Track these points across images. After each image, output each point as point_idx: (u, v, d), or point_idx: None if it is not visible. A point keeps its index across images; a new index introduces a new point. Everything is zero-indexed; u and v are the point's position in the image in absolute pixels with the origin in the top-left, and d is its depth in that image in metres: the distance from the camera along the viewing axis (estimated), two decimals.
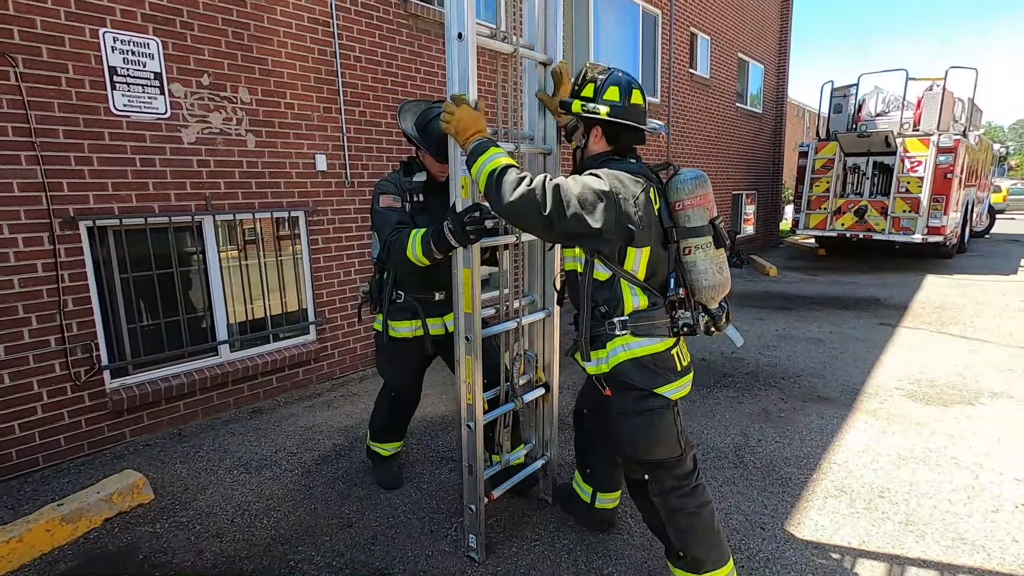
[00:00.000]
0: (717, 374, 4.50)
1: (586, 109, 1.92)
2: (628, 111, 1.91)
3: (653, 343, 1.88)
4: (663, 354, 1.89)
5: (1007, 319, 5.99)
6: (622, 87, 1.91)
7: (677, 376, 1.91)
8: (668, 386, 1.89)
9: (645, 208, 1.81)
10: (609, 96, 1.90)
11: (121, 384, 3.42)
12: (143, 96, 3.32)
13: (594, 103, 1.91)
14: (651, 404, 1.88)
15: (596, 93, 1.91)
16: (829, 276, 9.07)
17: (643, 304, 1.88)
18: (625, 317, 1.88)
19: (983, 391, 4.02)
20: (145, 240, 3.43)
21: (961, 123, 10.30)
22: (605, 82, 1.91)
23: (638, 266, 1.86)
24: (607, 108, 1.89)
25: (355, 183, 4.48)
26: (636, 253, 1.83)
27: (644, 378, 1.88)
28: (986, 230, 14.22)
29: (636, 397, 1.89)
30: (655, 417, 1.88)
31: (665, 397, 1.89)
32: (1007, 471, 2.93)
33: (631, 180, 1.83)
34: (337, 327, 4.51)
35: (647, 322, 1.87)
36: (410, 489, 2.87)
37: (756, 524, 2.53)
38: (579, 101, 1.94)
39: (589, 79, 1.95)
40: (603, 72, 1.94)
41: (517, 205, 1.71)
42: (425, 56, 4.88)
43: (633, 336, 1.87)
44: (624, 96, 1.90)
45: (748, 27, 11.33)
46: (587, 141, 1.99)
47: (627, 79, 1.94)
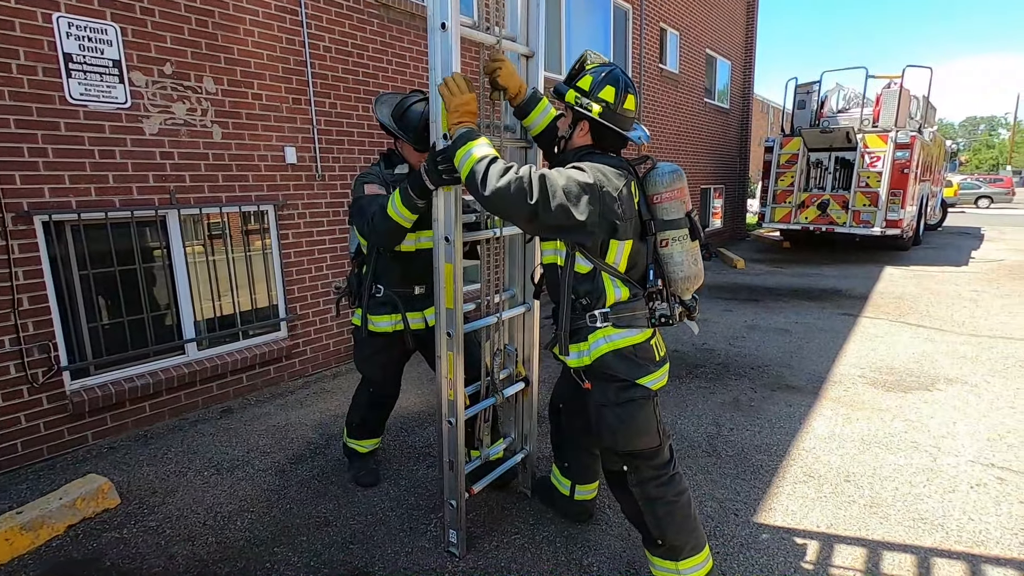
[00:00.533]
0: (689, 365, 4.58)
1: (579, 103, 1.89)
2: (619, 115, 1.90)
3: (633, 334, 1.90)
4: (643, 344, 1.91)
5: (959, 308, 6.28)
6: (619, 88, 1.88)
7: (656, 366, 1.94)
8: (649, 376, 1.91)
9: (627, 202, 1.83)
10: (604, 95, 1.87)
11: (82, 385, 3.29)
12: (101, 85, 3.18)
13: (588, 99, 1.88)
14: (632, 395, 1.90)
15: (592, 88, 1.89)
16: (794, 268, 9.34)
17: (624, 296, 1.90)
18: (606, 309, 1.89)
19: (939, 377, 4.21)
20: (106, 235, 3.30)
21: (917, 120, 10.71)
22: (603, 79, 1.88)
23: (620, 259, 1.87)
24: (600, 107, 1.87)
25: (326, 176, 4.39)
26: (618, 246, 1.85)
27: (626, 369, 1.89)
28: (939, 223, 14.84)
29: (618, 388, 1.91)
30: (636, 408, 1.91)
31: (646, 387, 1.91)
32: (962, 453, 3.08)
33: (614, 174, 1.83)
34: (309, 323, 4.42)
35: (628, 313, 1.89)
36: (388, 486, 2.85)
37: (730, 511, 2.60)
38: (574, 92, 1.91)
39: (588, 71, 1.91)
40: (603, 67, 1.91)
41: (503, 193, 1.68)
42: (397, 47, 4.80)
43: (614, 328, 1.89)
44: (619, 98, 1.88)
45: (716, 23, 11.51)
46: (572, 133, 1.98)
47: (624, 81, 1.91)
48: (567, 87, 1.94)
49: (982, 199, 25.33)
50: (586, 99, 1.88)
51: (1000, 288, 7.30)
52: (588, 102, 1.88)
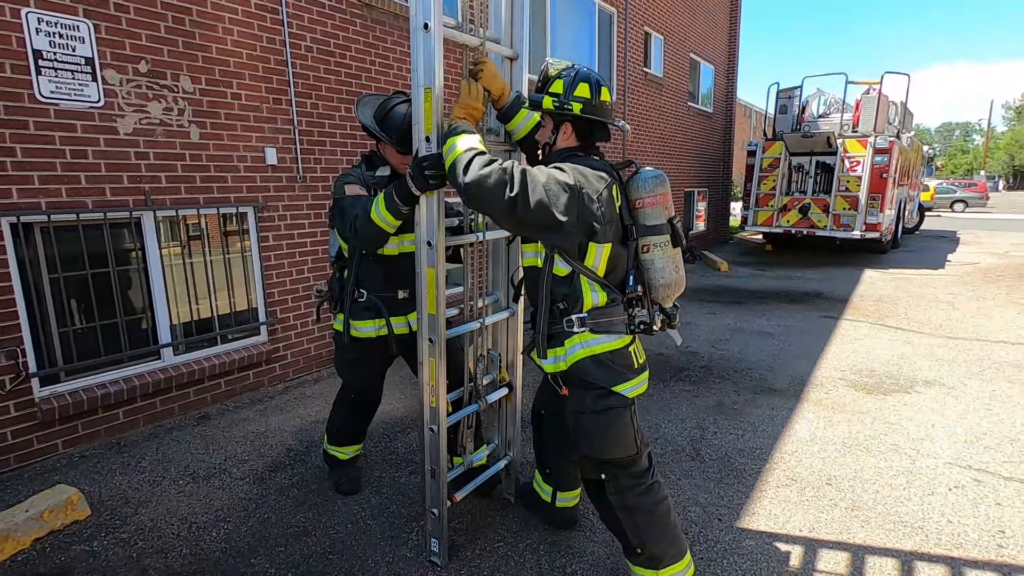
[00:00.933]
0: (673, 368, 4.59)
1: (558, 106, 1.88)
2: (598, 108, 1.90)
3: (611, 340, 1.88)
4: (621, 351, 1.90)
5: (937, 311, 6.39)
6: (592, 84, 1.89)
7: (634, 374, 1.92)
8: (626, 384, 1.89)
9: (607, 204, 1.81)
10: (580, 92, 1.88)
11: (52, 392, 3.19)
12: (72, 83, 3.09)
13: (566, 100, 1.88)
14: (609, 403, 1.88)
15: (567, 90, 1.89)
16: (776, 271, 9.44)
17: (602, 301, 1.88)
18: (583, 314, 1.87)
19: (918, 380, 4.26)
20: (78, 237, 3.20)
21: (895, 126, 10.90)
22: (575, 79, 1.89)
23: (599, 262, 1.85)
24: (580, 105, 1.87)
25: (307, 178, 4.32)
26: (597, 249, 1.83)
27: (603, 376, 1.87)
28: (916, 226, 15.12)
29: (595, 396, 1.89)
30: (613, 416, 1.88)
31: (623, 395, 1.89)
32: (940, 455, 3.12)
33: (595, 176, 1.82)
34: (290, 327, 4.35)
35: (605, 319, 1.87)
36: (369, 494, 2.79)
37: (713, 516, 2.59)
38: (550, 97, 1.90)
39: (556, 76, 1.92)
40: (568, 68, 1.92)
41: (481, 182, 1.66)
42: (380, 47, 4.75)
43: (592, 333, 1.87)
44: (594, 92, 1.89)
45: (699, 28, 11.61)
46: (556, 137, 1.97)
47: (595, 76, 1.92)
48: (541, 95, 1.93)
49: (957, 203, 25.89)
50: (564, 100, 1.88)
51: (976, 291, 7.44)
52: (568, 102, 1.87)
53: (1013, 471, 2.94)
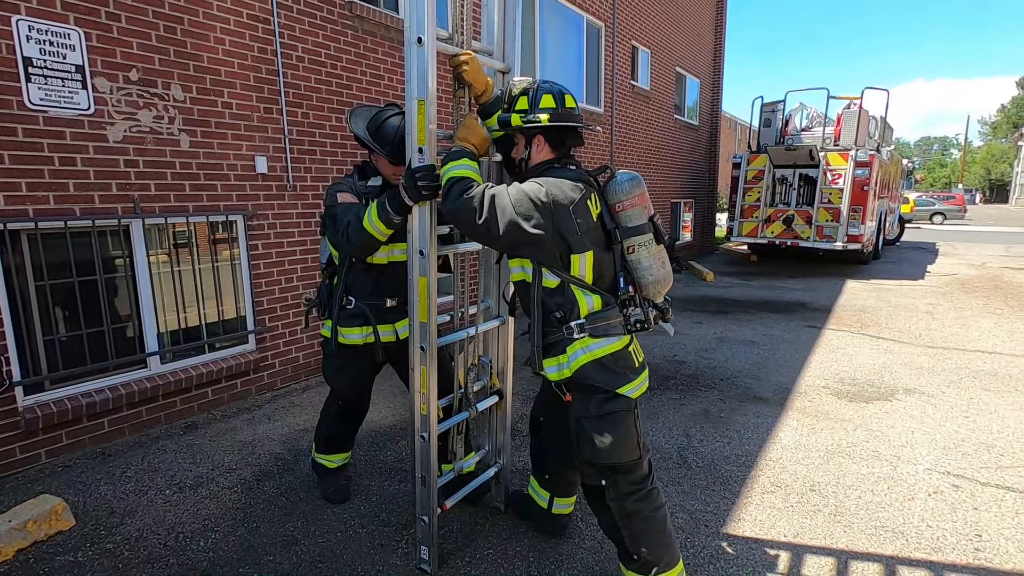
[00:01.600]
0: (660, 377, 4.64)
1: (526, 120, 1.93)
2: (565, 115, 1.95)
3: (612, 342, 1.91)
4: (622, 352, 1.93)
5: (917, 321, 6.53)
6: (555, 94, 1.95)
7: (636, 373, 1.95)
8: (629, 384, 1.93)
9: (584, 214, 1.86)
10: (545, 104, 1.93)
11: (36, 401, 3.15)
12: (63, 90, 3.09)
13: (532, 113, 1.93)
14: (614, 407, 1.91)
15: (531, 104, 1.94)
16: (761, 281, 9.58)
17: (597, 305, 1.92)
18: (582, 320, 1.90)
19: (898, 388, 4.36)
20: (65, 245, 3.18)
21: (875, 139, 11.16)
22: (537, 92, 1.95)
23: (584, 270, 1.89)
24: (547, 115, 1.92)
25: (297, 186, 4.34)
26: (580, 259, 1.87)
27: (606, 379, 1.90)
28: (897, 238, 15.42)
29: (599, 400, 1.92)
30: (616, 420, 1.91)
31: (627, 397, 1.92)
32: (920, 461, 3.19)
33: (571, 186, 1.87)
34: (278, 335, 4.34)
35: (603, 322, 1.91)
36: (358, 502, 2.79)
37: (700, 522, 2.63)
38: (517, 115, 1.95)
39: (519, 93, 1.98)
40: (530, 84, 1.98)
41: (455, 210, 1.84)
42: (371, 59, 4.80)
43: (592, 337, 1.90)
44: (559, 102, 1.95)
45: (685, 42, 11.83)
46: (530, 152, 2.01)
47: (557, 87, 1.98)
48: (509, 114, 1.98)
49: (936, 215, 26.46)
50: (531, 115, 1.93)
51: (954, 301, 7.62)
52: (535, 116, 1.92)
53: (989, 476, 3.02)
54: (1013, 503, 2.77)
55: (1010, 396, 4.16)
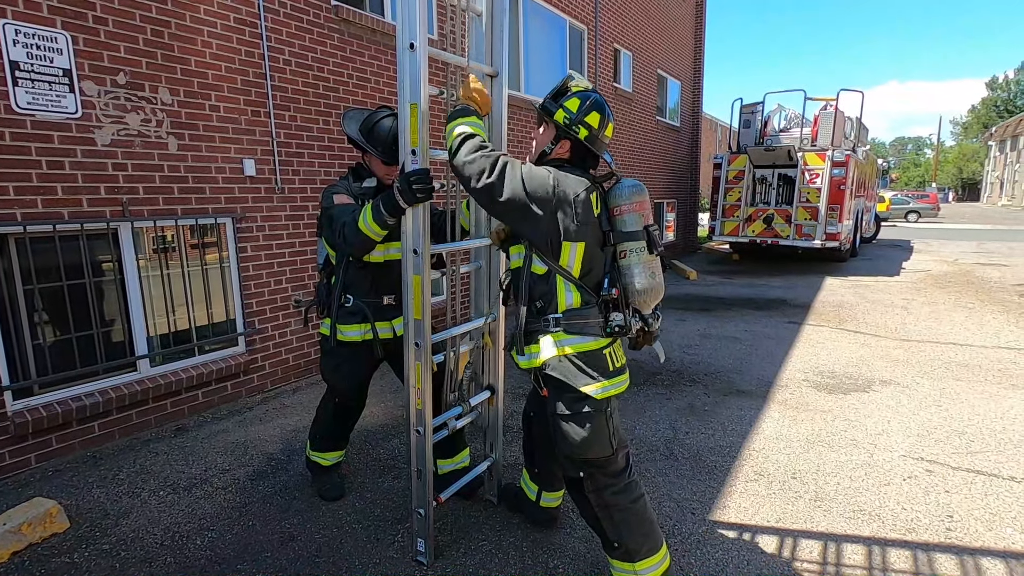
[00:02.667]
0: (646, 373, 4.74)
1: (567, 123, 1.98)
2: (599, 140, 2.02)
3: (586, 341, 1.97)
4: (595, 353, 1.98)
5: (892, 315, 6.73)
6: (603, 116, 2.00)
7: (609, 376, 1.99)
8: (596, 384, 1.96)
9: (584, 206, 1.92)
10: (590, 120, 1.98)
11: (25, 405, 3.14)
12: (50, 94, 3.09)
13: (576, 121, 1.98)
14: (581, 406, 1.96)
15: (580, 111, 1.98)
16: (743, 279, 9.76)
17: (576, 302, 1.97)
18: (559, 315, 1.97)
19: (875, 379, 4.51)
20: (53, 248, 3.18)
21: (851, 140, 11.44)
22: (590, 105, 1.98)
23: (573, 261, 1.95)
24: (586, 131, 1.98)
25: (286, 189, 4.36)
26: (571, 248, 1.93)
27: (571, 375, 1.96)
28: (873, 236, 15.80)
29: (569, 398, 1.98)
30: (585, 418, 1.97)
31: (592, 397, 1.96)
32: (895, 448, 3.32)
33: (575, 180, 1.94)
34: (268, 337, 4.35)
35: (580, 320, 1.97)
36: (353, 499, 2.84)
37: (687, 510, 2.72)
38: (563, 111, 1.99)
39: (575, 94, 2.01)
40: (587, 91, 2.02)
41: (465, 163, 1.87)
42: (358, 61, 4.83)
43: (565, 333, 1.96)
44: (602, 125, 2.00)
45: (666, 45, 12.01)
46: (554, 148, 2.05)
47: (608, 110, 2.03)
48: (556, 106, 2.01)
49: (911, 214, 27.10)
50: (574, 121, 1.98)
51: (927, 296, 7.86)
52: (576, 124, 1.98)
53: (960, 461, 3.16)
54: (982, 485, 2.90)
55: (980, 385, 4.33)
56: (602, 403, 1.99)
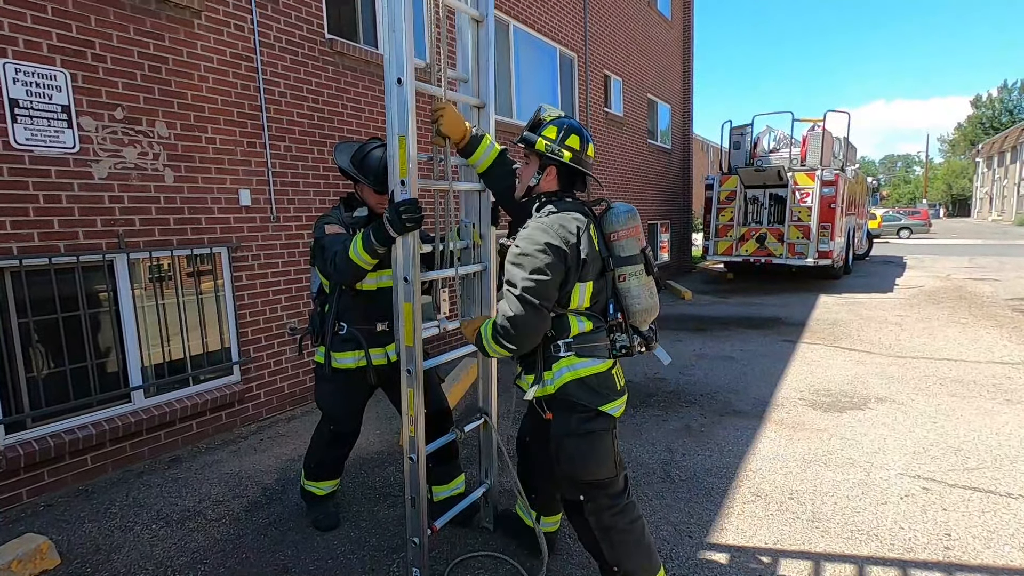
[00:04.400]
0: (642, 394, 4.74)
1: (550, 150, 2.03)
2: (584, 160, 2.07)
3: (596, 363, 2.00)
4: (605, 374, 2.02)
5: (886, 332, 6.76)
6: (582, 138, 2.06)
7: (617, 395, 2.04)
8: (610, 404, 2.01)
9: (588, 244, 1.96)
10: (571, 143, 2.03)
11: (17, 440, 3.12)
12: (48, 130, 3.14)
13: (558, 146, 2.03)
14: (594, 425, 1.99)
15: (559, 137, 2.03)
16: (738, 298, 9.81)
17: (588, 328, 2.02)
18: (570, 339, 2.00)
19: (871, 397, 4.51)
20: (49, 281, 3.20)
21: (840, 159, 11.62)
22: (568, 130, 2.04)
23: (583, 299, 2.00)
24: (570, 154, 2.03)
25: (280, 218, 4.41)
26: (580, 288, 1.98)
27: (589, 397, 1.99)
28: (866, 253, 15.93)
29: (580, 418, 1.99)
30: (596, 438, 1.99)
31: (608, 416, 2.01)
32: (892, 466, 3.31)
33: (573, 220, 1.97)
34: (263, 366, 4.35)
35: (590, 344, 2.01)
36: (348, 528, 2.81)
37: (684, 533, 2.70)
38: (543, 140, 2.04)
39: (550, 122, 2.07)
40: (561, 118, 2.08)
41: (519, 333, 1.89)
42: (352, 92, 4.93)
43: (577, 357, 1.99)
44: (583, 146, 2.06)
45: (656, 71, 12.27)
46: (540, 179, 2.09)
47: (586, 131, 2.09)
48: (535, 136, 2.07)
49: (903, 230, 27.35)
50: (556, 146, 2.03)
51: (921, 312, 7.90)
52: (559, 149, 2.03)
53: (957, 479, 3.16)
54: (980, 503, 2.90)
55: (975, 401, 4.34)
56: (612, 422, 2.03)
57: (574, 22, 8.87)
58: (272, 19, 4.28)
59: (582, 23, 9.08)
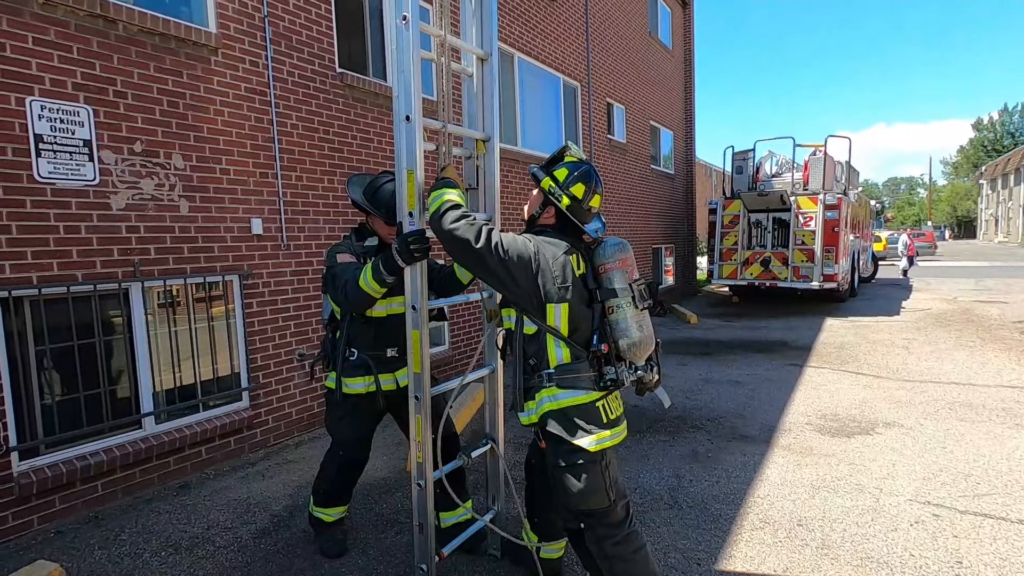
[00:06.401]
0: (649, 420, 4.74)
1: (552, 192, 2.11)
2: (583, 211, 2.13)
3: (578, 395, 2.03)
4: (587, 406, 2.03)
5: (894, 356, 6.73)
6: (588, 188, 2.12)
7: (603, 428, 2.03)
8: (589, 437, 2.00)
9: (563, 268, 2.02)
10: (575, 190, 2.11)
11: (30, 466, 3.16)
12: (70, 163, 3.26)
13: (561, 190, 2.11)
14: (575, 457, 2.01)
15: (566, 181, 2.11)
16: (743, 321, 9.80)
17: (567, 358, 2.04)
18: (551, 370, 2.04)
19: (878, 421, 4.49)
20: (66, 309, 3.28)
21: (842, 183, 11.72)
22: (576, 176, 2.11)
23: (559, 321, 2.03)
24: (569, 201, 2.10)
25: (291, 245, 4.50)
26: (555, 308, 2.02)
27: (565, 428, 2.01)
28: (872, 275, 15.92)
29: (565, 450, 2.02)
30: (580, 470, 2.00)
31: (586, 449, 2.00)
32: (902, 492, 3.29)
33: (555, 244, 2.06)
34: (272, 392, 4.39)
35: (572, 375, 2.03)
36: (355, 556, 2.82)
37: (692, 560, 2.69)
38: (549, 180, 2.13)
39: (565, 164, 2.15)
40: (578, 163, 2.15)
41: (453, 231, 1.94)
42: (361, 124, 5.08)
43: (559, 388, 2.03)
44: (587, 196, 2.12)
45: (658, 98, 12.50)
46: (541, 213, 2.19)
47: (595, 181, 2.14)
48: (544, 173, 2.15)
49: None
50: (559, 190, 2.10)
51: (928, 335, 7.87)
52: (560, 193, 2.10)
53: (968, 505, 3.13)
54: (991, 529, 2.87)
55: (984, 425, 4.31)
56: (596, 455, 2.02)
57: (577, 53, 9.09)
58: (285, 55, 4.44)
59: (584, 54, 9.31)
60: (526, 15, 7.71)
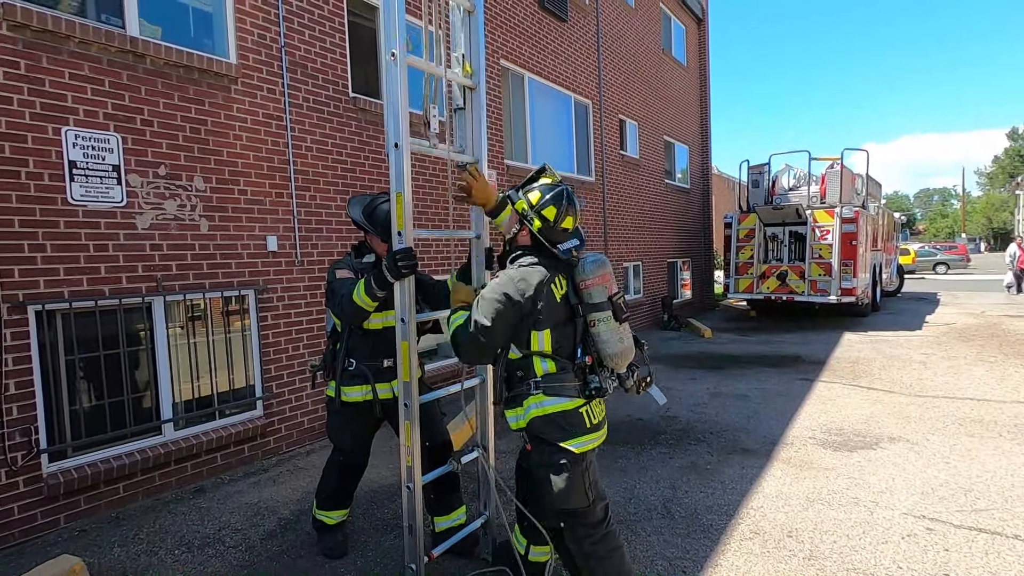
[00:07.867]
0: (651, 432, 4.79)
1: (525, 214, 2.24)
2: (555, 232, 2.23)
3: (562, 402, 2.15)
4: (571, 412, 2.16)
5: (909, 371, 6.64)
6: (560, 211, 2.21)
7: (585, 432, 2.16)
8: (574, 440, 2.13)
9: (547, 297, 2.14)
10: (546, 213, 2.21)
11: (59, 468, 3.39)
12: (100, 187, 3.53)
13: (532, 213, 2.22)
14: (560, 458, 2.13)
15: (538, 204, 2.22)
16: (758, 335, 9.73)
17: (552, 369, 2.18)
18: (538, 379, 2.17)
19: (883, 436, 4.46)
20: (94, 322, 3.53)
21: (862, 196, 11.60)
22: (549, 200, 2.21)
23: (543, 343, 2.17)
24: (540, 223, 2.21)
25: (304, 261, 4.72)
26: (539, 335, 2.16)
27: (552, 432, 2.14)
28: (897, 289, 15.59)
29: (549, 451, 2.15)
30: (563, 470, 2.13)
31: (571, 451, 2.13)
32: (897, 506, 3.29)
33: (539, 273, 2.16)
34: (284, 401, 4.58)
35: (557, 383, 2.16)
36: (355, 557, 2.95)
37: (678, 568, 2.75)
38: (523, 202, 2.25)
39: (538, 187, 2.26)
40: (552, 186, 2.26)
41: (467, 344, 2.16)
42: (373, 145, 5.31)
43: (545, 395, 2.16)
44: (558, 218, 2.21)
45: (672, 114, 12.59)
46: (517, 233, 2.30)
47: (567, 203, 2.23)
48: (518, 196, 2.28)
49: (939, 265, 26.64)
50: (531, 212, 2.22)
51: (948, 350, 7.72)
52: (532, 216, 2.22)
53: (963, 519, 3.12)
54: (983, 543, 2.87)
55: (993, 441, 4.26)
56: (579, 457, 2.15)
57: (588, 71, 9.28)
58: (301, 82, 4.71)
59: (596, 72, 9.48)
60: (536, 36, 7.93)
